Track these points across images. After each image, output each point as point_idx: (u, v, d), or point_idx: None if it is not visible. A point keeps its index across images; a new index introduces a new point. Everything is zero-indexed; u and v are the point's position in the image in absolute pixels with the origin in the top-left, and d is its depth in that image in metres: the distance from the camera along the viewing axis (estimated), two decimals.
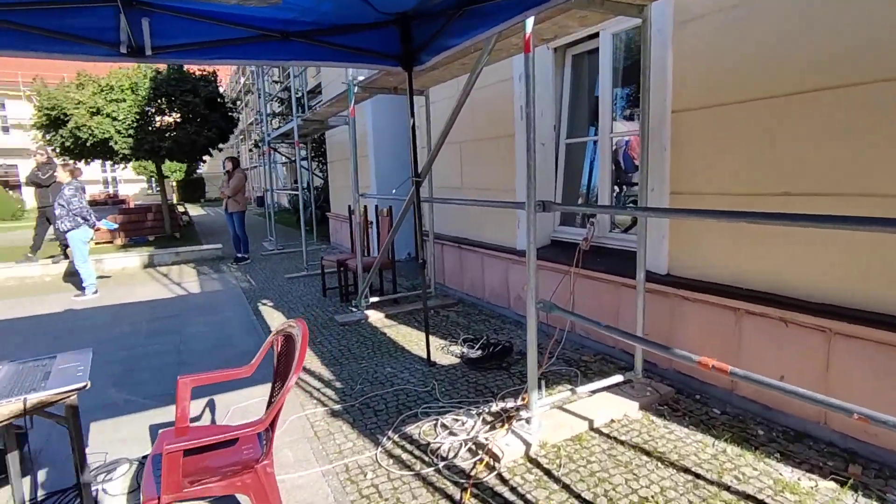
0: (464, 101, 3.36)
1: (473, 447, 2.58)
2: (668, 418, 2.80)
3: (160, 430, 2.04)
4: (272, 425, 1.85)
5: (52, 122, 10.28)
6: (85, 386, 1.57)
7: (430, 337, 4.12)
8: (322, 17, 2.86)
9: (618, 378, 3.06)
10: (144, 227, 12.58)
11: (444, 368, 3.69)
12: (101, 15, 2.48)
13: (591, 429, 2.73)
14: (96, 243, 11.90)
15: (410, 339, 4.40)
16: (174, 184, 33.11)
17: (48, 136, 10.64)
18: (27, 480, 2.47)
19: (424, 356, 3.89)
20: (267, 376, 2.36)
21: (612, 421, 2.79)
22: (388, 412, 3.05)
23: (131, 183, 34.47)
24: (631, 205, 4.57)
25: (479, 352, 3.86)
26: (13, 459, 1.85)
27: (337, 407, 3.16)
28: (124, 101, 10.20)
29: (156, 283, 7.28)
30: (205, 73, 11.82)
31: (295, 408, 3.16)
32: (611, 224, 4.07)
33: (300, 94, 9.11)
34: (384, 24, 3.13)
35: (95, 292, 6.58)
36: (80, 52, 2.54)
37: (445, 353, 4.01)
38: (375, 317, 5.02)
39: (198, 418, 3.13)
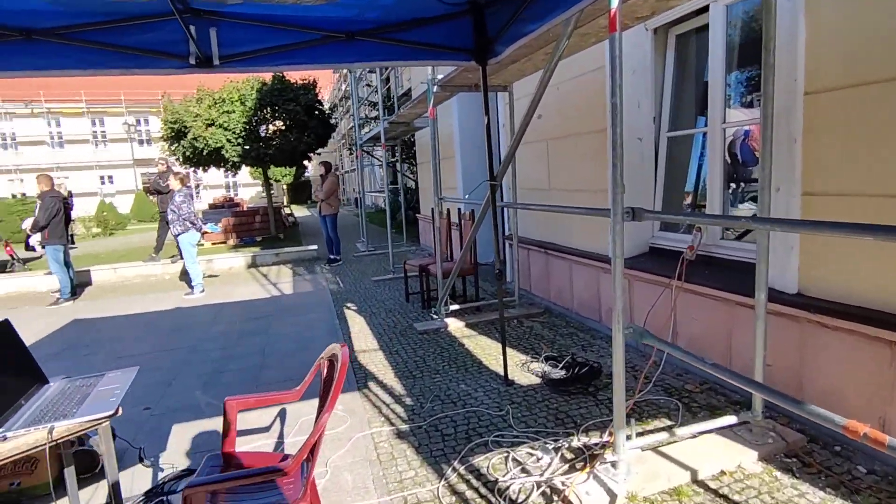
0: (541, 95, 3.01)
1: (548, 491, 2.25)
2: (798, 475, 2.25)
3: (207, 455, 1.97)
4: (311, 457, 1.67)
5: (176, 134, 11.36)
6: (114, 414, 1.49)
7: (511, 351, 3.81)
8: (386, 13, 2.68)
9: (731, 419, 2.54)
10: (253, 229, 13.54)
11: (521, 389, 3.37)
12: (170, 28, 2.49)
13: (695, 481, 2.26)
14: (213, 244, 13.06)
15: (489, 352, 4.11)
16: (284, 187, 35.75)
17: (172, 147, 11.78)
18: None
19: (501, 373, 3.59)
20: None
21: (723, 473, 2.30)
22: (456, 437, 2.80)
23: (248, 187, 37.75)
24: (749, 207, 3.90)
25: (563, 372, 3.48)
26: (69, 476, 1.85)
27: (404, 427, 2.97)
28: (234, 112, 11.00)
29: (255, 284, 7.70)
30: (306, 81, 12.43)
31: (362, 424, 3.02)
32: (722, 230, 3.47)
33: (388, 97, 9.18)
34: (454, 14, 2.88)
35: (203, 291, 7.08)
36: (153, 66, 2.58)
37: (525, 370, 3.67)
38: (455, 325, 4.81)
39: (266, 428, 3.11)
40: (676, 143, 3.87)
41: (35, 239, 6.90)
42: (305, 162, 14.13)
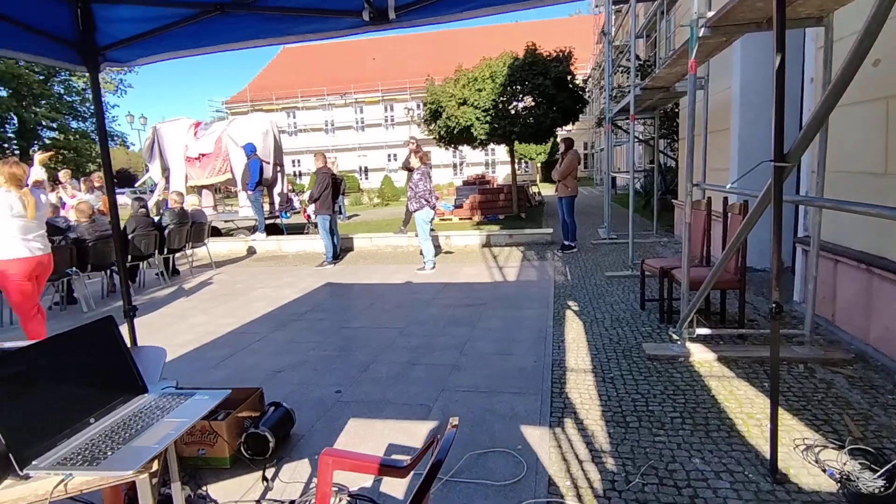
0: (878, 26, 1.65)
1: None
2: None
3: None
4: None
5: (433, 114, 12.07)
6: (130, 477, 1.12)
7: (787, 418, 2.52)
8: None
9: None
10: (497, 207, 13.68)
11: (799, 495, 2.11)
12: None
13: None
14: (460, 219, 13.70)
15: (750, 410, 2.83)
16: (538, 165, 35.99)
17: (431, 127, 12.58)
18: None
19: (766, 454, 2.36)
20: None
21: None
22: None
23: (505, 165, 39.35)
24: None
25: (883, 483, 2.07)
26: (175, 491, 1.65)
27: None
28: (484, 89, 11.03)
29: (482, 265, 7.52)
30: (560, 52, 11.66)
31: (538, 483, 2.29)
32: None
33: (651, 60, 7.70)
34: None
35: (433, 268, 7.23)
36: (330, 28, 2.26)
37: (809, 459, 2.34)
38: (701, 356, 3.57)
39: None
40: None
41: (310, 209, 8.06)
42: (559, 138, 13.51)
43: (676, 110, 9.98)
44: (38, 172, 4.31)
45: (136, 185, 12.67)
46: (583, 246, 8.46)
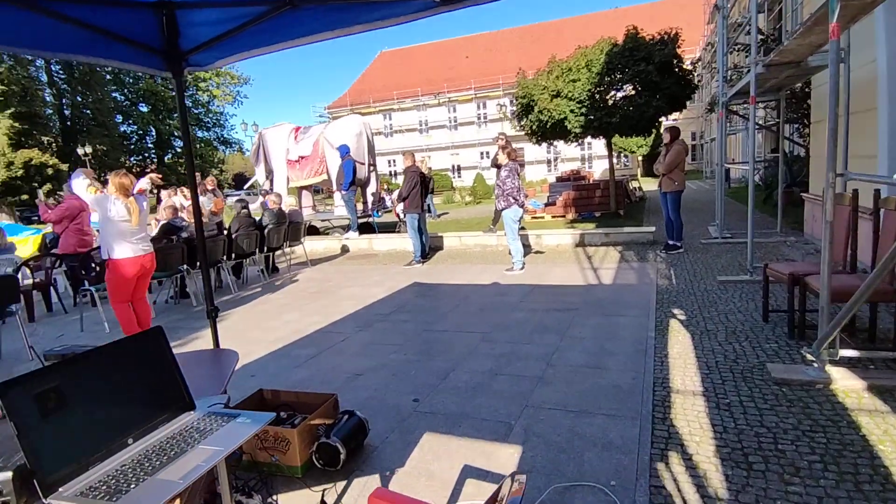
0: None
1: None
2: None
3: None
4: None
5: (524, 109, 11.66)
6: None
7: None
8: None
9: None
10: (593, 204, 12.95)
11: None
12: None
13: None
14: (552, 216, 13.16)
15: None
16: (639, 159, 33.87)
17: (522, 122, 12.18)
18: None
19: None
20: None
21: None
22: None
23: (602, 159, 37.52)
24: None
25: None
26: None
27: None
28: (579, 80, 10.42)
29: (574, 266, 7.04)
30: (665, 34, 10.71)
31: None
32: None
33: (770, 31, 6.73)
34: None
35: (522, 269, 6.90)
36: (398, 13, 2.07)
37: None
38: (846, 384, 2.93)
39: None
40: None
41: (399, 207, 8.08)
42: (662, 129, 12.47)
43: (807, 90, 8.71)
44: (143, 183, 4.69)
45: (246, 186, 13.63)
46: (690, 246, 7.64)
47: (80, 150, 29.37)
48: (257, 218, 8.13)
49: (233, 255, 7.16)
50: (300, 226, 8.64)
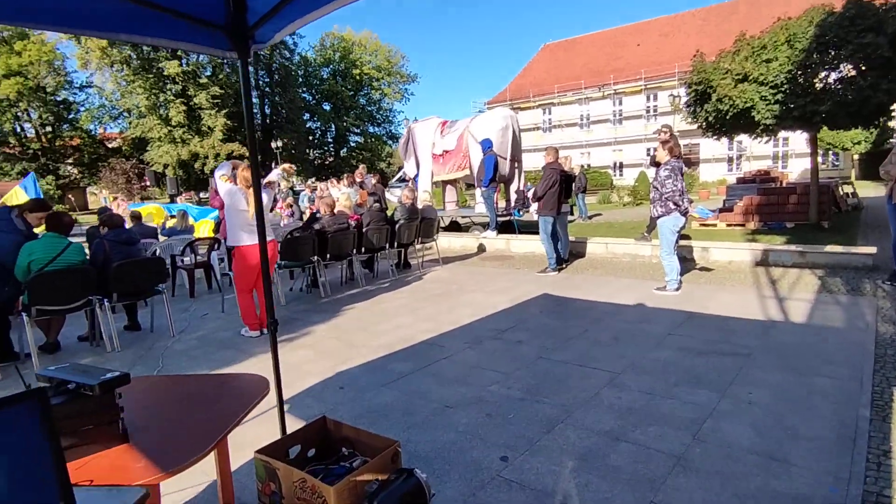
0: None
1: None
2: None
3: None
4: None
5: (699, 97, 9.91)
6: None
7: None
8: None
9: None
10: (784, 212, 10.60)
11: None
12: None
13: None
14: (728, 225, 11.10)
15: None
16: (854, 158, 27.71)
17: (696, 114, 10.41)
18: None
19: None
20: None
21: None
22: None
23: (801, 158, 31.49)
24: None
25: None
26: None
27: None
28: (775, 59, 8.43)
29: (750, 292, 5.57)
30: None
31: None
32: None
33: None
34: None
35: (677, 289, 5.67)
36: None
37: None
38: None
39: None
40: None
41: (532, 208, 7.32)
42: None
43: None
44: (272, 175, 4.74)
45: (394, 180, 14.03)
46: None
47: (272, 144, 33.83)
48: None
49: (362, 249, 7.15)
50: (433, 222, 8.39)
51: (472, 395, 3.33)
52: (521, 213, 10.37)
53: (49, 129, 34.64)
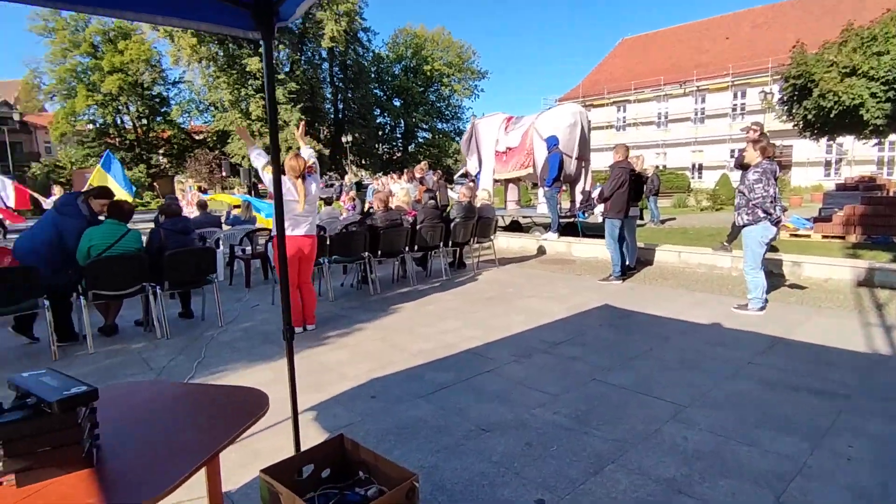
0: None
1: None
2: None
3: None
4: None
5: (798, 92, 8.87)
6: None
7: None
8: None
9: None
10: (892, 225, 9.29)
11: None
12: None
13: None
14: (823, 236, 9.90)
15: None
16: None
17: (793, 111, 9.35)
18: None
19: None
20: None
21: None
22: None
23: None
24: None
25: None
26: None
27: None
28: (887, 52, 7.33)
29: (851, 317, 4.80)
30: None
31: None
32: None
33: None
34: None
35: (761, 309, 5.01)
36: None
37: None
38: None
39: None
40: None
41: (598, 209, 6.79)
42: None
43: None
44: (305, 153, 4.61)
45: (457, 177, 13.77)
46: None
47: (343, 139, 34.71)
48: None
49: (415, 247, 6.95)
50: (491, 222, 8.04)
51: (512, 418, 2.99)
52: (585, 214, 9.79)
53: (144, 121, 37.52)
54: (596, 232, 10.18)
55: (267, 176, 4.51)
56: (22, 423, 1.25)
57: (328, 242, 6.11)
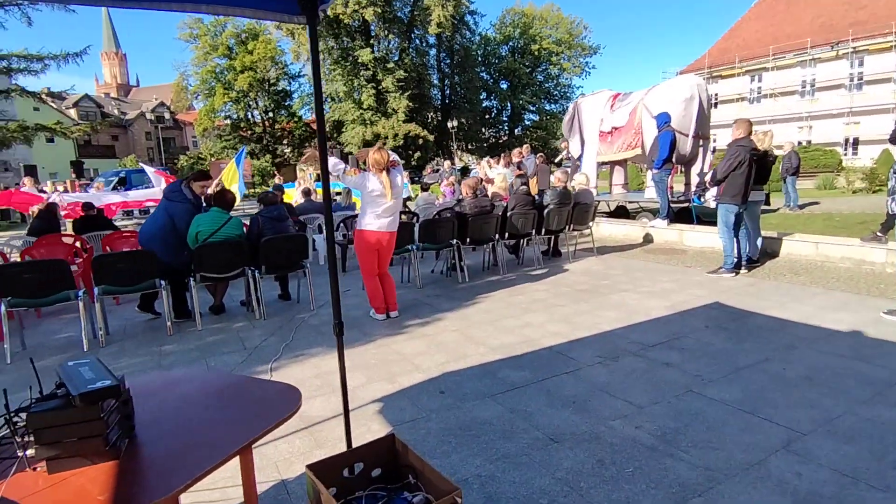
0: None
1: None
2: None
3: None
4: None
5: None
6: None
7: None
8: None
9: None
10: None
11: None
12: None
13: None
14: None
15: None
16: None
17: None
18: None
19: None
20: None
21: None
22: None
23: None
24: None
25: None
26: None
27: None
28: None
29: None
30: None
31: None
32: None
33: None
34: None
35: None
36: None
37: None
38: None
39: None
40: None
41: (710, 193, 6.00)
42: None
43: None
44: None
45: (556, 160, 13.13)
46: None
47: (449, 124, 35.00)
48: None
49: (506, 234, 6.71)
50: (589, 208, 7.51)
51: (586, 429, 2.70)
52: (702, 199, 8.79)
53: (270, 114, 40.93)
54: (713, 219, 9.13)
55: (349, 179, 4.58)
56: (48, 413, 1.29)
57: (416, 229, 6.11)
